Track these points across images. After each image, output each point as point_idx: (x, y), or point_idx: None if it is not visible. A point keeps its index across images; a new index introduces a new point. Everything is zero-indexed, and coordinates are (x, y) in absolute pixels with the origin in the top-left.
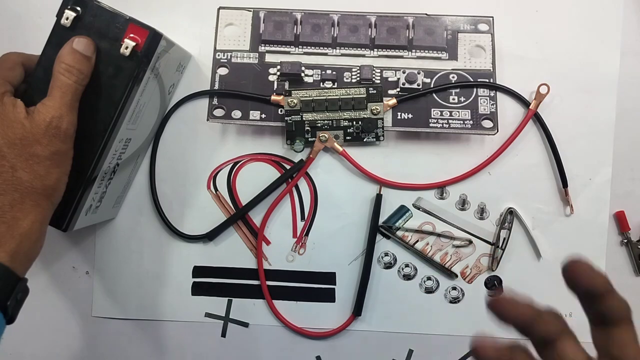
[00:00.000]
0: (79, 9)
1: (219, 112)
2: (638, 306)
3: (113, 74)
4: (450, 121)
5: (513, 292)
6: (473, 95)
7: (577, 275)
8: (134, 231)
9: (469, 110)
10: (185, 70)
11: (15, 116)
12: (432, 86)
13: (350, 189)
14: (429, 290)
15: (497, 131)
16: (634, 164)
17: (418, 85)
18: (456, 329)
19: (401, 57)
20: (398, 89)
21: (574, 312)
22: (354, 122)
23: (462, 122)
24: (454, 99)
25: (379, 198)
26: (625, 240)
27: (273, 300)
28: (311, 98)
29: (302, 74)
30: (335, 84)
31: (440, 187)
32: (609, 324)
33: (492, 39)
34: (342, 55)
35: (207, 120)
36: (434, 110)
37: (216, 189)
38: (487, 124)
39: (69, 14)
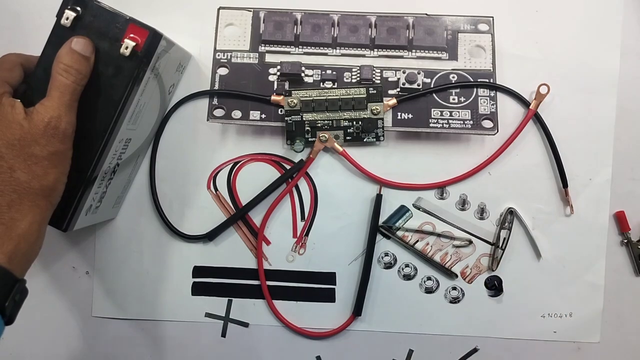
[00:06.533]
0: (79, 9)
1: (219, 112)
2: (638, 306)
3: (113, 74)
4: (450, 121)
5: None
6: (473, 95)
7: None
8: (134, 231)
9: (469, 110)
10: (185, 70)
11: (13, 117)
12: (432, 86)
13: (350, 189)
14: (429, 290)
15: (497, 131)
16: (634, 164)
17: (418, 85)
18: (456, 329)
19: (401, 57)
20: (398, 89)
21: (574, 313)
22: (354, 122)
23: (462, 122)
24: (454, 99)
25: (379, 198)
26: (625, 240)
27: (273, 300)
28: (311, 98)
29: (302, 74)
30: (335, 84)
31: (440, 187)
32: None
33: (492, 39)
34: (342, 55)
35: (207, 120)
36: (434, 110)
37: (216, 189)
38: (487, 124)
39: (69, 14)
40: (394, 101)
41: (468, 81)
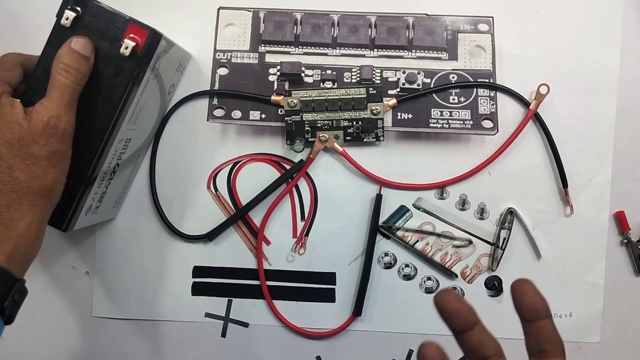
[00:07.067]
0: (79, 9)
1: (219, 112)
2: (638, 306)
3: (113, 74)
4: (450, 121)
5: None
6: (473, 96)
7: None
8: (134, 231)
9: (469, 110)
10: (185, 70)
11: (13, 117)
12: (432, 86)
13: (350, 189)
14: (429, 290)
15: (497, 131)
16: (634, 164)
17: (418, 85)
18: None
19: (401, 57)
20: (398, 89)
21: (574, 313)
22: (354, 122)
23: (462, 122)
24: (454, 99)
25: (379, 198)
26: (625, 240)
27: (273, 300)
28: (311, 98)
29: (302, 74)
30: (335, 84)
31: (440, 187)
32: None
33: (492, 39)
34: (342, 55)
35: (207, 120)
36: (434, 111)
37: (216, 189)
38: (487, 124)
39: (69, 14)
40: (394, 101)
41: (468, 81)
